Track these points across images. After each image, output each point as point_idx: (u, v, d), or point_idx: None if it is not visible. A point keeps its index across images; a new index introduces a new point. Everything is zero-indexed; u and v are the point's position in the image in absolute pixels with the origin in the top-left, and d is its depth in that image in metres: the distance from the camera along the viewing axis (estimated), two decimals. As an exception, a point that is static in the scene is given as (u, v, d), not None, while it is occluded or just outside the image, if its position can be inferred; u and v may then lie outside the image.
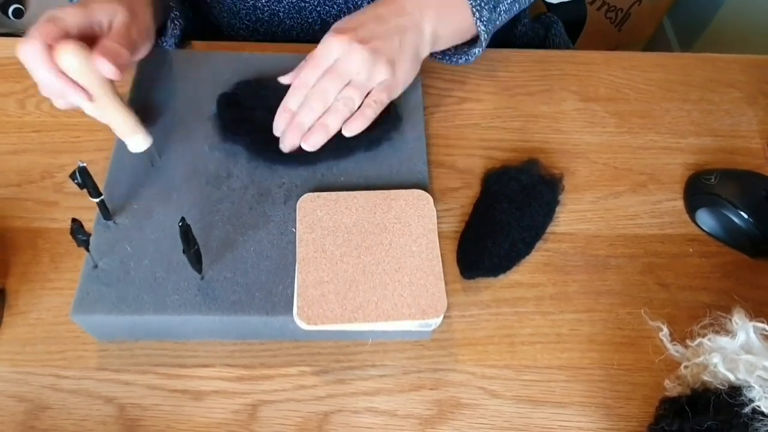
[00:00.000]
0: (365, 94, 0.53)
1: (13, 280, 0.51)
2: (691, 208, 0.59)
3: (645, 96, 0.67)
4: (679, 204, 0.60)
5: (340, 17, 0.57)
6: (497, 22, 0.61)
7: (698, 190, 0.59)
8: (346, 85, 0.52)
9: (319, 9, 0.69)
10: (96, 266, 0.47)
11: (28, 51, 0.46)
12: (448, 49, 0.62)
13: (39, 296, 0.50)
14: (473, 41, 0.62)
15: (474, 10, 0.58)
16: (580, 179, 0.60)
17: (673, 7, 1.57)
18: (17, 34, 1.60)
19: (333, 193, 0.51)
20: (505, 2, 0.60)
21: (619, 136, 0.64)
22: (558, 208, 0.58)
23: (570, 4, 0.95)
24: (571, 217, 0.58)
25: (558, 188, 0.58)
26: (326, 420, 0.47)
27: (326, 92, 0.52)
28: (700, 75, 0.70)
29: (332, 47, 0.52)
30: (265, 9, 0.70)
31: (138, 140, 0.50)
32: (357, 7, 0.69)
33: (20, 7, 1.61)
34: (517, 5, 0.62)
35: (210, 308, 0.46)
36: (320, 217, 0.50)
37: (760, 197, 0.56)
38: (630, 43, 1.62)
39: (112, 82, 0.48)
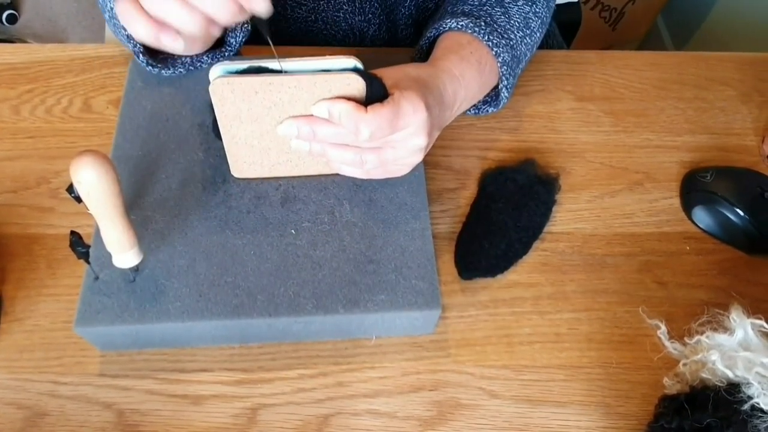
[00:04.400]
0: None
1: (10, 286, 0.51)
2: (688, 206, 0.59)
3: (640, 95, 0.68)
4: (676, 202, 0.60)
5: (371, 28, 0.54)
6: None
7: (694, 187, 0.59)
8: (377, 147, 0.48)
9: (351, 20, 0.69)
10: (97, 278, 0.46)
11: None
12: None
13: (36, 303, 0.50)
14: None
15: (502, 84, 0.58)
16: (577, 178, 0.61)
17: (666, 6, 1.57)
18: (11, 39, 1.60)
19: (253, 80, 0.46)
20: (524, 62, 0.61)
21: (615, 135, 0.64)
22: (555, 208, 0.58)
23: (564, 6, 0.95)
24: (568, 217, 0.58)
25: (554, 188, 0.58)
26: (326, 423, 0.47)
27: (369, 141, 0.47)
28: (694, 73, 0.70)
29: (418, 118, 0.46)
30: (300, 21, 0.70)
31: (129, 256, 0.44)
32: (390, 20, 0.70)
33: (14, 12, 1.61)
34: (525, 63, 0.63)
35: (213, 313, 0.46)
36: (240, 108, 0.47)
37: (756, 194, 0.56)
38: (624, 43, 1.62)
39: (122, 196, 0.41)
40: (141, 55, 0.55)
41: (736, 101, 0.68)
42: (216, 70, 0.45)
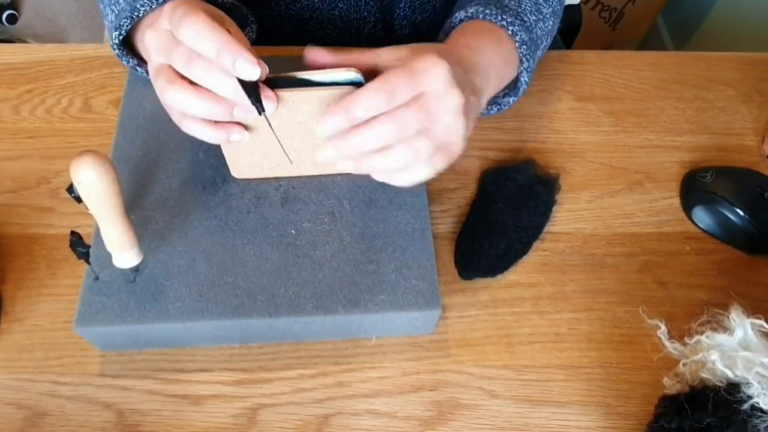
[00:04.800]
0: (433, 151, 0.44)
1: (10, 286, 0.51)
2: (688, 206, 0.59)
3: (640, 95, 0.68)
4: (676, 202, 0.60)
5: (367, 26, 0.53)
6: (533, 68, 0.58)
7: (694, 187, 0.59)
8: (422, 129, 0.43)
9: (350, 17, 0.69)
10: (97, 278, 0.46)
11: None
12: None
13: (36, 303, 0.50)
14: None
15: (522, 67, 0.55)
16: (577, 178, 0.61)
17: (666, 5, 1.58)
18: (11, 39, 1.60)
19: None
20: (541, 48, 0.58)
21: (615, 135, 0.64)
22: (555, 208, 0.58)
23: (564, 8, 0.94)
24: (568, 217, 0.58)
25: (554, 188, 0.58)
26: (326, 422, 0.47)
27: (405, 128, 0.42)
28: (694, 73, 0.70)
29: (438, 72, 0.42)
30: (294, 17, 0.69)
31: (129, 256, 0.44)
32: (386, 20, 0.69)
33: (14, 12, 1.61)
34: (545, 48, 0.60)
35: (213, 313, 0.46)
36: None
37: (756, 194, 0.56)
38: (624, 43, 1.62)
39: (122, 196, 0.41)
40: (138, 68, 0.56)
41: (736, 101, 0.68)
42: None
